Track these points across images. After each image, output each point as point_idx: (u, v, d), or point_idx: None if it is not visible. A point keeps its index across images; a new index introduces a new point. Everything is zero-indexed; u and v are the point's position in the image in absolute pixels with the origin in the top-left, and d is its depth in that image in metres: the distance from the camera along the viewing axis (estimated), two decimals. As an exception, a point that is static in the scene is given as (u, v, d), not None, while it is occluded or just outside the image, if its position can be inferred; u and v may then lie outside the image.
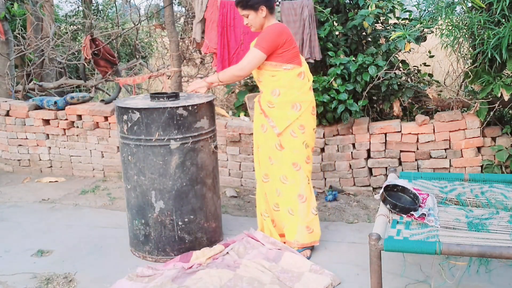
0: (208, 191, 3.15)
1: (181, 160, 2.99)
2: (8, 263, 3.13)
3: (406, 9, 4.31)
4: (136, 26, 6.39)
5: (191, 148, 3.00)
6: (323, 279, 2.70)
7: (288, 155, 3.03)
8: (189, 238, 3.11)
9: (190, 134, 2.98)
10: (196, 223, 3.11)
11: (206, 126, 3.07)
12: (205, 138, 3.07)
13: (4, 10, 5.69)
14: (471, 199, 2.71)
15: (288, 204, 3.08)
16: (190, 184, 3.04)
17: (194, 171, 3.04)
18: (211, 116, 3.13)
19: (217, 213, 3.28)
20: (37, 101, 5.10)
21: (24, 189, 4.65)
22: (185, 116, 2.94)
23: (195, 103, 2.97)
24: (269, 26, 2.98)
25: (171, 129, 2.93)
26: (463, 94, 4.35)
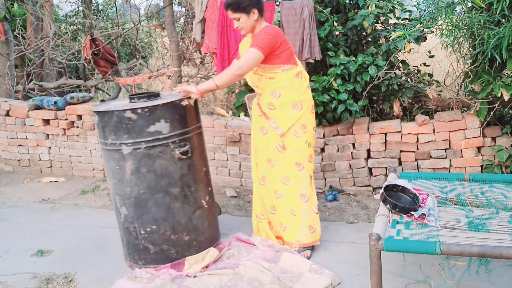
0: (175, 201, 2.86)
1: (135, 166, 2.79)
2: (8, 263, 3.13)
3: (406, 9, 4.31)
4: (136, 26, 6.39)
5: (146, 154, 2.76)
6: (323, 279, 2.70)
7: (291, 155, 3.03)
8: (154, 249, 2.90)
9: (142, 139, 2.74)
10: (161, 234, 2.88)
11: (165, 131, 2.77)
12: (164, 144, 2.78)
13: (4, 10, 5.70)
14: (471, 199, 2.71)
15: (289, 205, 3.08)
16: (149, 193, 2.82)
17: (152, 178, 2.80)
18: (175, 119, 2.81)
19: (194, 225, 2.95)
20: (37, 101, 5.10)
21: (24, 189, 4.65)
22: (135, 119, 2.71)
23: (146, 105, 2.72)
24: (264, 28, 2.95)
25: (121, 133, 2.75)
26: (463, 94, 4.35)
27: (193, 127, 2.93)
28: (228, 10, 2.95)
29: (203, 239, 3.00)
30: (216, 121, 4.47)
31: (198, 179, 2.96)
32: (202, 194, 2.99)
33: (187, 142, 2.86)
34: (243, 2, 2.89)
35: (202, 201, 2.99)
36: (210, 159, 4.51)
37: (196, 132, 2.96)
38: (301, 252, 3.06)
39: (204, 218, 3.01)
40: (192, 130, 2.92)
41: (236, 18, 2.94)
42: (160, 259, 2.92)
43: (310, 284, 2.67)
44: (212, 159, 4.52)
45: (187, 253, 2.93)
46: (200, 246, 2.99)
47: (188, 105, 2.88)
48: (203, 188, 3.00)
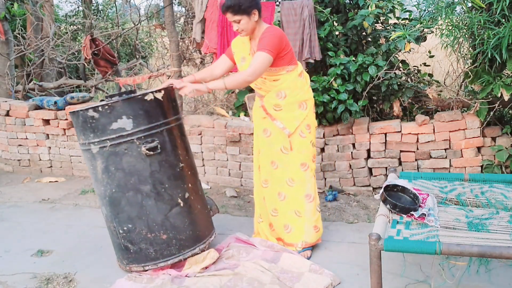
0: (148, 199, 2.78)
1: (104, 165, 2.76)
2: (8, 263, 3.13)
3: (406, 9, 4.31)
4: (136, 26, 6.39)
5: (112, 152, 2.72)
6: (323, 279, 2.70)
7: (296, 156, 3.02)
8: (133, 248, 2.86)
9: (106, 137, 2.69)
10: (137, 233, 2.82)
11: (129, 127, 2.69)
12: (129, 140, 2.71)
13: (4, 10, 5.69)
14: (471, 199, 2.71)
15: (294, 206, 3.08)
16: (120, 191, 2.78)
17: (121, 176, 2.75)
18: (139, 115, 2.72)
19: (171, 223, 2.84)
20: (37, 101, 5.10)
21: (24, 189, 4.65)
22: (97, 118, 2.68)
23: (106, 103, 2.68)
24: (269, 30, 2.89)
25: (88, 132, 2.74)
26: (463, 94, 4.35)
27: (162, 122, 2.80)
28: (227, 13, 2.86)
29: (184, 238, 2.88)
30: (216, 121, 4.47)
31: (172, 175, 2.84)
32: (179, 191, 2.86)
33: (155, 138, 2.76)
34: (243, 4, 2.81)
35: (179, 199, 2.85)
36: (210, 159, 4.52)
37: (166, 127, 2.82)
38: (302, 252, 3.06)
39: (184, 216, 2.88)
40: (161, 125, 2.79)
41: (236, 20, 2.86)
42: (139, 258, 2.86)
43: (310, 284, 2.67)
44: (212, 159, 4.52)
45: (166, 252, 2.84)
46: (181, 245, 2.87)
47: (154, 100, 2.76)
48: (180, 185, 2.87)
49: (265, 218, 3.25)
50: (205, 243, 2.99)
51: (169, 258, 2.86)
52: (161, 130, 2.80)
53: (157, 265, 2.85)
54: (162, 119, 2.81)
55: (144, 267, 2.86)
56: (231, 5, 2.83)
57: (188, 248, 2.90)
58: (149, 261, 2.86)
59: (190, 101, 6.17)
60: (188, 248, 2.90)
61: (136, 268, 2.88)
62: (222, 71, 3.16)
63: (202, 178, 4.60)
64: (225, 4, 2.85)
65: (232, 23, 2.92)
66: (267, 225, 3.24)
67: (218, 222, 3.60)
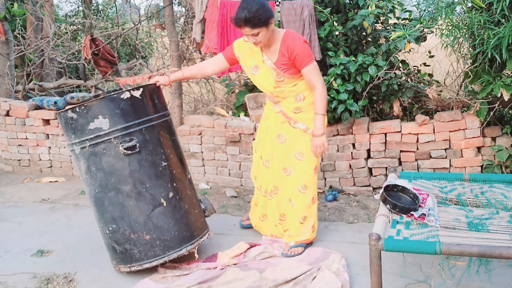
0: (129, 199, 2.75)
1: (86, 165, 2.77)
2: (8, 263, 3.13)
3: (406, 9, 4.30)
4: (136, 26, 6.39)
5: (92, 152, 2.72)
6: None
7: (310, 160, 3.02)
8: (119, 248, 2.85)
9: (85, 137, 2.70)
10: (121, 233, 2.80)
11: (106, 126, 2.67)
12: (107, 140, 2.69)
13: (4, 10, 5.69)
14: (471, 199, 2.71)
15: (302, 213, 3.08)
16: (102, 191, 2.77)
17: (102, 176, 2.74)
18: (115, 114, 2.68)
19: (154, 224, 2.79)
20: (37, 101, 5.10)
21: (24, 189, 4.65)
22: (76, 118, 2.69)
23: (82, 103, 2.68)
24: (291, 36, 2.80)
25: (70, 133, 2.75)
26: (463, 94, 4.35)
27: (141, 120, 2.75)
28: (245, 27, 2.66)
29: (168, 238, 2.82)
30: (216, 121, 4.47)
31: (154, 175, 2.78)
32: (162, 190, 2.80)
33: (133, 137, 2.71)
34: (262, 15, 2.64)
35: (162, 199, 2.80)
36: (210, 159, 4.52)
37: (146, 126, 2.77)
38: (293, 248, 3.09)
39: (168, 216, 2.82)
40: (140, 124, 2.74)
41: (255, 33, 2.70)
42: (126, 259, 2.85)
43: None
44: (212, 159, 4.52)
45: (150, 253, 2.81)
46: (165, 246, 2.82)
47: (131, 98, 2.71)
48: (162, 185, 2.81)
49: (264, 216, 3.29)
50: (193, 244, 2.91)
51: (154, 259, 2.82)
52: (140, 129, 2.74)
53: (142, 266, 2.82)
54: (141, 117, 2.75)
55: (130, 268, 2.84)
56: (250, 18, 2.63)
57: (173, 249, 2.84)
58: (134, 262, 2.83)
59: (190, 101, 6.17)
60: (173, 249, 2.84)
61: (124, 268, 2.87)
62: (214, 70, 3.12)
63: (202, 178, 4.60)
64: (242, 17, 2.65)
65: (248, 36, 2.76)
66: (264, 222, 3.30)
67: (218, 222, 3.60)
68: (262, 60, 2.91)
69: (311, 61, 2.80)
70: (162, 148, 2.84)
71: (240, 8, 2.68)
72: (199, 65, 3.12)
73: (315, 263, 2.93)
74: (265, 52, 2.89)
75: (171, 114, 3.13)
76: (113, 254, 2.91)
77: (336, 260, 2.92)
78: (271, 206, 3.23)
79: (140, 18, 6.58)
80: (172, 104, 4.67)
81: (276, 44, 2.83)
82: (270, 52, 2.87)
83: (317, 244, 3.21)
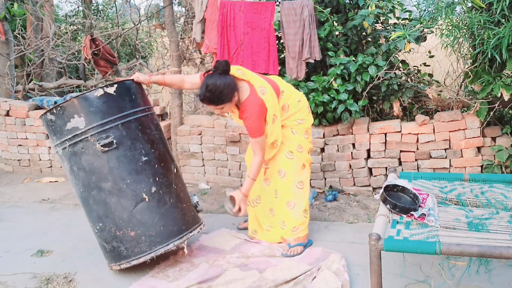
0: (111, 196, 2.74)
1: (69, 166, 2.79)
2: (8, 263, 3.13)
3: (406, 9, 4.31)
4: (136, 26, 6.39)
5: (72, 152, 2.73)
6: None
7: (300, 157, 3.12)
8: (108, 246, 2.85)
9: (64, 138, 2.72)
10: (107, 231, 2.81)
11: (82, 125, 2.68)
12: (84, 139, 2.69)
13: (4, 10, 5.70)
14: (471, 199, 2.71)
15: (302, 210, 3.15)
16: (86, 191, 2.78)
17: (83, 176, 2.76)
18: (90, 112, 2.68)
19: (138, 220, 2.77)
20: (37, 101, 5.10)
21: (24, 189, 4.65)
22: (54, 120, 2.72)
23: (59, 104, 2.70)
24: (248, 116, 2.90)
25: (52, 135, 2.78)
26: (463, 94, 4.35)
27: (117, 116, 2.72)
28: (210, 105, 2.86)
29: (154, 234, 2.79)
30: (216, 121, 4.47)
31: (134, 170, 2.75)
32: (144, 185, 2.77)
33: (109, 134, 2.70)
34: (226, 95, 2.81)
35: (143, 194, 2.76)
36: (210, 159, 4.52)
37: (123, 121, 2.74)
38: (293, 248, 3.10)
39: (152, 211, 2.78)
40: (116, 120, 2.72)
41: (220, 108, 2.88)
42: (115, 256, 2.84)
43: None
44: (212, 159, 4.52)
45: (137, 249, 2.79)
46: (151, 241, 2.79)
47: (105, 95, 2.70)
48: (143, 179, 2.78)
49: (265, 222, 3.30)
50: (181, 239, 2.86)
51: (140, 255, 2.80)
52: (117, 125, 2.72)
53: (130, 263, 2.81)
54: (117, 113, 2.73)
55: (120, 266, 2.84)
56: (211, 99, 2.81)
57: (160, 244, 2.80)
58: (122, 259, 2.83)
59: (190, 101, 6.17)
60: (160, 244, 2.80)
61: (115, 266, 2.88)
62: (191, 88, 3.22)
63: (202, 178, 4.60)
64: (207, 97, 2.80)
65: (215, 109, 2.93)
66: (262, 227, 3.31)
67: (218, 222, 3.60)
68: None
69: (258, 136, 2.91)
70: (142, 143, 2.81)
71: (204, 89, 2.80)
72: (181, 78, 3.16)
73: (315, 263, 2.93)
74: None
75: (171, 113, 3.13)
76: (104, 252, 2.93)
77: (336, 260, 2.92)
78: (260, 212, 3.29)
79: (140, 18, 6.58)
80: (172, 104, 4.67)
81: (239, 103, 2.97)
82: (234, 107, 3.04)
83: (317, 244, 3.21)
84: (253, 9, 4.27)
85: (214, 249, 3.17)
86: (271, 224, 3.23)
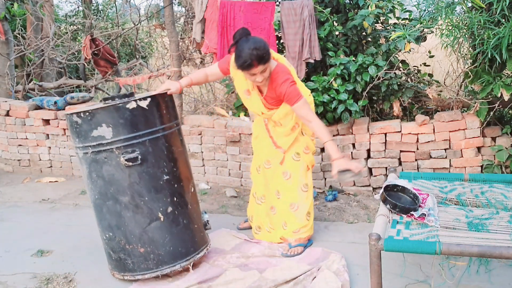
0: (126, 210, 2.70)
1: (88, 171, 2.73)
2: (8, 263, 3.13)
3: (406, 9, 4.31)
4: (136, 26, 6.39)
5: (93, 159, 2.67)
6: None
7: (305, 159, 3.11)
8: (114, 256, 2.82)
9: (88, 143, 2.64)
10: (116, 242, 2.77)
11: (108, 136, 2.60)
12: (109, 149, 2.62)
13: (4, 10, 5.70)
14: (471, 199, 2.71)
15: (306, 212, 3.13)
16: (101, 198, 2.73)
17: (101, 184, 2.70)
18: (119, 124, 2.60)
19: (149, 237, 2.73)
20: (37, 101, 5.10)
21: (24, 189, 4.65)
22: (80, 123, 2.63)
23: (86, 109, 2.62)
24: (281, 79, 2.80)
25: (75, 137, 2.71)
26: (463, 94, 4.35)
27: (146, 131, 2.65)
28: (259, 65, 2.68)
29: (163, 253, 2.76)
30: (216, 121, 4.47)
31: (154, 188, 2.71)
32: (161, 205, 2.73)
33: (135, 148, 2.63)
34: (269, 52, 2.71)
35: (159, 213, 2.73)
36: (210, 159, 4.52)
37: (151, 137, 2.68)
38: (293, 248, 3.10)
39: (164, 231, 2.75)
40: (145, 135, 2.65)
41: (263, 70, 2.73)
42: (119, 266, 2.82)
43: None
44: (212, 159, 4.52)
45: (143, 265, 2.76)
46: (159, 260, 2.76)
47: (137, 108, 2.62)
48: (162, 199, 2.73)
49: (264, 222, 3.30)
50: (188, 260, 2.84)
51: (146, 272, 2.78)
52: (144, 141, 2.65)
53: (135, 277, 2.79)
54: (146, 128, 2.66)
55: (124, 277, 2.82)
56: (263, 56, 2.66)
57: (167, 264, 2.78)
58: (127, 272, 2.80)
59: (190, 101, 6.17)
60: (167, 264, 2.78)
61: (118, 275, 2.86)
62: (213, 79, 3.20)
63: (202, 178, 4.60)
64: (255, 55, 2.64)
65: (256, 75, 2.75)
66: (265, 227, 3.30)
67: (218, 222, 3.60)
68: (252, 87, 2.96)
69: (300, 98, 2.80)
70: (165, 161, 2.76)
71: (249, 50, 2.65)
72: (204, 73, 3.11)
73: (315, 263, 2.93)
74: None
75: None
76: (109, 259, 2.91)
77: (336, 260, 2.92)
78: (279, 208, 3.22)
79: (140, 18, 6.58)
80: (172, 104, 4.66)
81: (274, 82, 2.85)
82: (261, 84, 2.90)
83: (317, 244, 3.21)
84: (253, 9, 4.27)
85: (214, 249, 3.17)
86: (272, 226, 3.23)
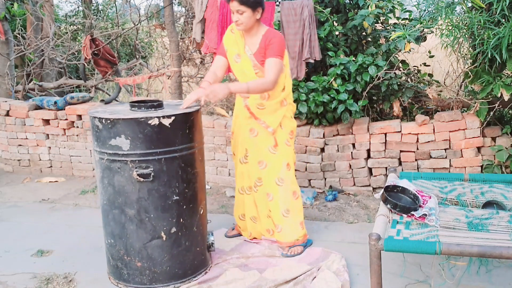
0: (130, 223, 2.68)
1: (101, 175, 2.72)
2: (8, 263, 3.13)
3: (406, 9, 4.31)
4: (136, 26, 6.39)
5: (107, 166, 2.66)
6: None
7: (282, 155, 3.06)
8: (113, 262, 2.81)
9: (106, 150, 2.63)
10: (116, 250, 2.76)
11: (125, 147, 2.57)
12: (123, 161, 2.60)
13: (4, 10, 5.70)
14: (471, 200, 2.71)
15: (284, 205, 3.09)
16: (109, 205, 2.72)
17: (111, 192, 2.69)
18: (138, 138, 2.57)
19: (148, 254, 2.70)
20: (37, 101, 5.10)
21: (24, 189, 4.65)
22: (100, 128, 2.62)
23: (108, 117, 2.58)
24: (273, 33, 2.94)
25: (95, 139, 2.71)
26: (463, 94, 4.35)
27: (163, 150, 2.61)
28: (234, 1, 2.86)
29: (158, 271, 2.73)
30: (216, 121, 4.47)
31: (161, 207, 2.67)
32: (165, 224, 2.69)
33: (150, 165, 2.59)
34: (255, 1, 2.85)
35: (162, 232, 2.69)
36: (210, 159, 4.52)
37: (167, 156, 2.63)
38: (293, 248, 3.09)
39: (164, 251, 2.71)
40: (161, 153, 2.61)
41: (240, 11, 2.86)
42: (115, 273, 2.82)
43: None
44: (212, 159, 4.52)
45: (138, 279, 2.74)
46: (153, 278, 2.73)
47: (159, 125, 2.57)
48: (167, 218, 2.70)
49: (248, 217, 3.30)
50: (183, 283, 2.79)
51: (139, 286, 2.75)
52: (160, 158, 2.61)
53: None
54: (164, 147, 2.61)
55: (118, 284, 2.81)
56: None
57: (161, 283, 2.75)
58: (122, 281, 2.80)
59: (190, 101, 6.15)
60: (161, 283, 2.75)
61: (113, 281, 2.85)
62: (223, 72, 3.14)
63: (202, 178, 4.61)
64: None
65: (234, 13, 2.91)
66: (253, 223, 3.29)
67: (218, 222, 3.60)
68: (244, 50, 3.02)
69: (279, 56, 2.88)
70: (178, 182, 2.71)
71: None
72: (212, 73, 3.07)
73: (315, 263, 2.93)
74: (247, 43, 3.02)
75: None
76: (108, 263, 2.90)
77: (336, 260, 2.92)
78: (258, 199, 3.20)
79: (140, 18, 6.58)
80: (172, 104, 4.66)
81: (258, 36, 2.97)
82: (252, 43, 3.01)
83: (317, 244, 3.21)
84: (253, 9, 4.26)
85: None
86: (258, 215, 3.23)
